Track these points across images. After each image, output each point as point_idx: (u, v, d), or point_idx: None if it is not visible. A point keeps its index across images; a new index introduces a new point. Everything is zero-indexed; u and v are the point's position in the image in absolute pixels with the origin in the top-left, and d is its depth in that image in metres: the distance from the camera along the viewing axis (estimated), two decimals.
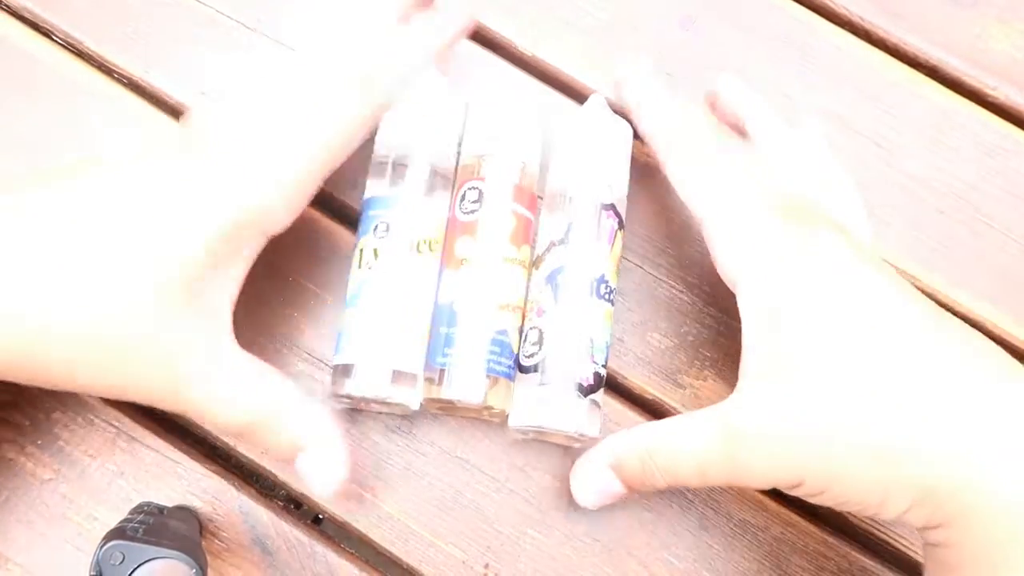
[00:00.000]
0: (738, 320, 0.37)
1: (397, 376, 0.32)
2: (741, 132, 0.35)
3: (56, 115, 0.39)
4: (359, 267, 0.33)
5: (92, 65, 0.40)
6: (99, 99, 0.39)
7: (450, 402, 0.33)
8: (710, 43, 0.41)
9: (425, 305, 0.34)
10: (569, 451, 0.36)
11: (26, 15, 0.40)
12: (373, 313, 0.32)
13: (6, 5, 0.41)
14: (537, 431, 0.33)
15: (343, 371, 0.32)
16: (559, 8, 0.41)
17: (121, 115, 0.39)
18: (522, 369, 0.34)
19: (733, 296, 0.37)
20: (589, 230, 0.34)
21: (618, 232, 0.35)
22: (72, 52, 0.40)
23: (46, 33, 0.40)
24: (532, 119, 0.36)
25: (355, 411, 0.36)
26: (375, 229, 0.33)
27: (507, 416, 0.34)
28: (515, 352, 0.34)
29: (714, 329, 0.37)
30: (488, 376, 0.32)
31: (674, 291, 0.38)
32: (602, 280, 0.34)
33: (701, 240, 0.38)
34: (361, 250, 0.33)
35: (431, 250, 0.34)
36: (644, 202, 0.39)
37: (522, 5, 0.41)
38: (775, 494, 0.36)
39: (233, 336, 0.29)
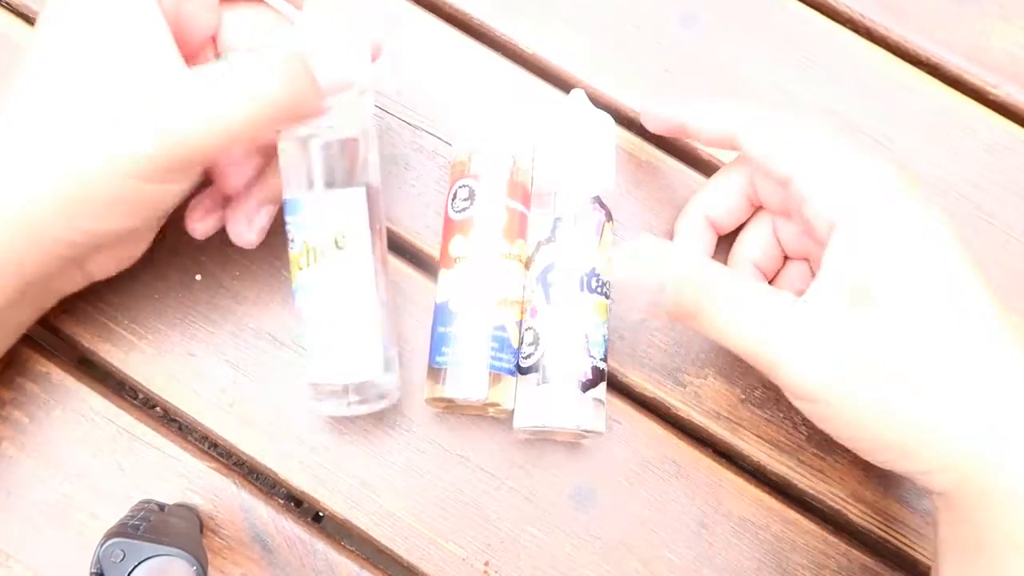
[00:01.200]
0: None
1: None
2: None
3: None
4: (293, 284, 0.32)
5: None
6: None
7: (452, 400, 0.33)
8: (711, 41, 0.41)
9: (364, 300, 0.32)
10: (575, 448, 0.36)
11: (27, 13, 0.40)
12: (320, 323, 0.32)
13: (6, 3, 0.41)
14: (542, 431, 0.33)
15: (316, 389, 0.33)
16: (560, 5, 0.41)
17: None
18: (522, 371, 0.34)
19: None
20: (576, 225, 0.34)
21: (606, 224, 0.35)
22: None
23: None
24: (521, 113, 0.36)
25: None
26: (292, 243, 0.32)
27: (512, 412, 0.34)
28: (516, 347, 0.34)
29: None
30: (490, 372, 0.32)
31: None
32: (593, 274, 0.34)
33: None
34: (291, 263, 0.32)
35: (338, 247, 0.31)
36: (645, 199, 0.39)
37: (523, 3, 0.41)
38: (776, 491, 0.36)
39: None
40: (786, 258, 0.36)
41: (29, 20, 0.40)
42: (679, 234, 0.36)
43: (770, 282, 0.36)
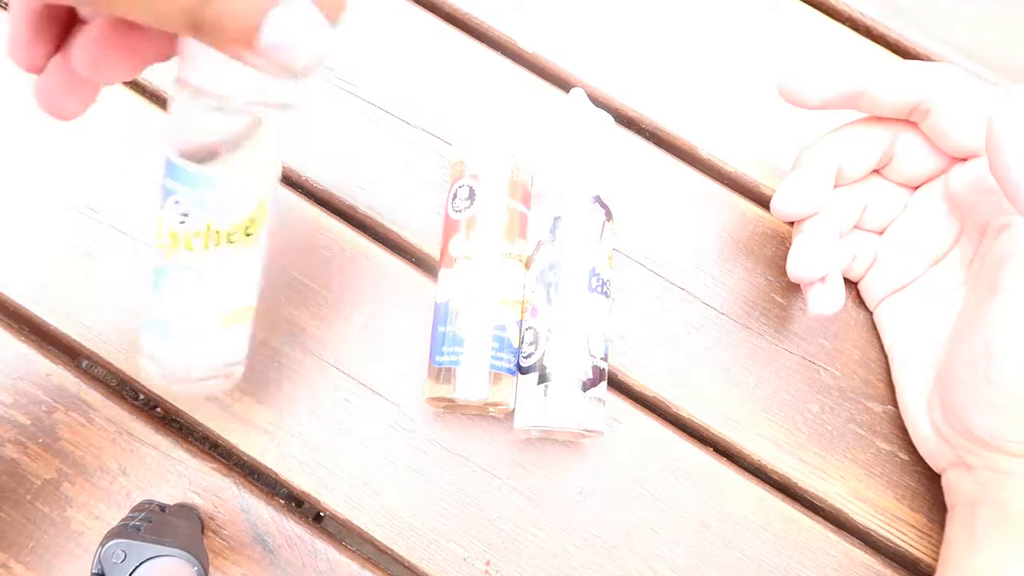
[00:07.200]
0: (736, 319, 0.37)
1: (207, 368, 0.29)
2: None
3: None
4: (156, 245, 0.27)
5: None
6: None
7: (453, 400, 0.33)
8: (710, 41, 0.41)
9: (252, 291, 0.28)
10: (576, 448, 0.36)
11: None
12: (199, 312, 0.27)
13: (6, 3, 0.41)
14: (542, 431, 0.33)
15: (149, 357, 0.28)
16: (560, 5, 0.41)
17: (121, 112, 0.39)
18: (522, 370, 0.34)
19: (732, 295, 0.38)
20: (575, 224, 0.34)
21: (606, 223, 0.35)
22: None
23: None
24: (521, 112, 0.36)
25: (350, 406, 0.36)
26: (175, 205, 0.26)
27: (512, 411, 0.34)
28: (516, 347, 0.34)
29: (715, 327, 0.37)
30: (490, 372, 0.32)
31: (676, 289, 0.38)
32: (593, 273, 0.34)
33: (703, 239, 0.39)
34: (160, 222, 0.26)
35: (247, 235, 0.27)
36: (646, 200, 0.39)
37: (523, 3, 0.41)
38: (777, 490, 0.36)
39: None
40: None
41: None
42: (805, 168, 0.33)
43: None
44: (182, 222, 0.26)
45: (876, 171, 0.35)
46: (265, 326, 0.36)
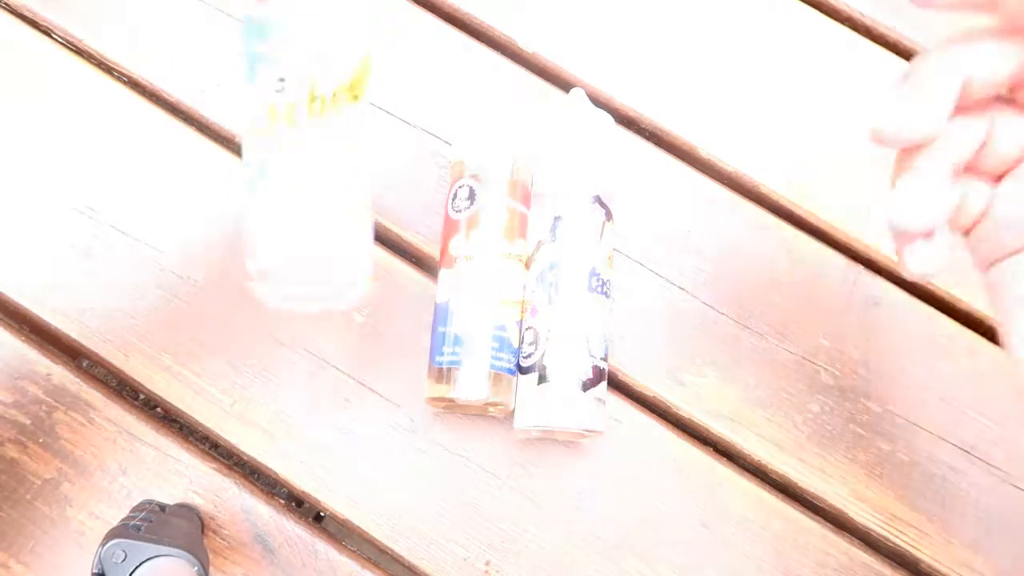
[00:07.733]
0: (736, 319, 0.37)
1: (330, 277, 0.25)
2: None
3: (55, 113, 0.39)
4: (251, 132, 0.23)
5: (91, 63, 0.40)
6: (98, 97, 0.39)
7: (453, 400, 0.33)
8: (710, 40, 0.41)
9: (352, 176, 0.24)
10: (576, 448, 0.36)
11: (26, 14, 0.40)
12: (282, 206, 0.24)
13: (6, 4, 0.41)
14: (542, 431, 0.33)
15: (263, 276, 0.25)
16: (560, 5, 0.41)
17: (121, 112, 0.39)
18: (521, 370, 0.34)
19: (732, 296, 0.38)
20: (575, 224, 0.34)
21: (606, 223, 0.35)
22: (71, 50, 0.40)
23: (46, 32, 0.40)
24: (521, 112, 0.36)
25: (350, 406, 0.36)
26: (267, 71, 0.22)
27: (511, 411, 0.34)
28: (516, 347, 0.34)
29: (715, 327, 0.37)
30: (490, 372, 0.32)
31: (676, 289, 0.38)
32: (593, 273, 0.34)
33: (703, 239, 0.39)
34: (252, 101, 0.23)
35: (355, 96, 0.23)
36: (646, 201, 0.39)
37: (523, 3, 0.41)
38: (777, 490, 0.36)
39: None
40: None
41: (29, 21, 0.40)
42: (926, 77, 0.26)
43: None
44: (279, 90, 0.22)
45: (1000, 98, 0.27)
46: (264, 325, 0.36)
